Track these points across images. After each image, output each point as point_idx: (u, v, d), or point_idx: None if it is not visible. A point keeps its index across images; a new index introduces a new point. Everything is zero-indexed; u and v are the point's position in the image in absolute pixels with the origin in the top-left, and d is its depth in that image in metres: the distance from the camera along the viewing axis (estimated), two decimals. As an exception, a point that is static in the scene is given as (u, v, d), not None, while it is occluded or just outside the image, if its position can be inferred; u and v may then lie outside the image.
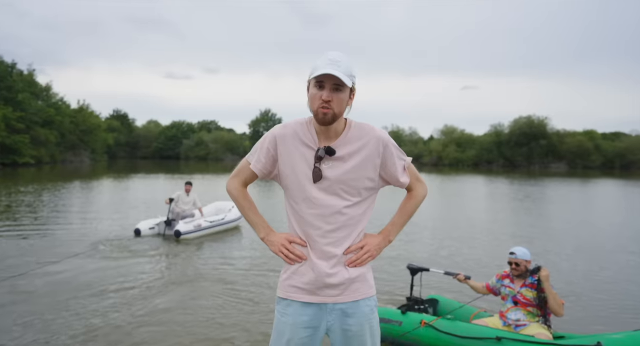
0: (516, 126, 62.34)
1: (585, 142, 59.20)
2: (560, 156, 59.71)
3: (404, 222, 2.22)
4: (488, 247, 9.70)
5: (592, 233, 11.80)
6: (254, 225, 2.18)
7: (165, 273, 7.11)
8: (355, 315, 2.08)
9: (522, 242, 10.03)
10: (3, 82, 44.85)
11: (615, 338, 3.88)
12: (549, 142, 59.78)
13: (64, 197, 17.85)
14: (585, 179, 36.02)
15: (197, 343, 4.50)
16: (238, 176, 2.17)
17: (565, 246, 9.83)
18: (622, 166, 58.03)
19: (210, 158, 75.77)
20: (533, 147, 60.08)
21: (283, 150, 2.05)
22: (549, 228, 12.50)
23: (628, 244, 10.01)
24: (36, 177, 30.11)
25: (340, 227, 2.04)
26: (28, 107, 45.94)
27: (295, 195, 2.07)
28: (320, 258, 2.05)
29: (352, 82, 1.94)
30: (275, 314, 2.15)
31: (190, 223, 10.09)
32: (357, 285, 2.08)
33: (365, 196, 2.07)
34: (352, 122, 2.07)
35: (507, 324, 4.24)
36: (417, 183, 2.19)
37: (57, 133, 51.35)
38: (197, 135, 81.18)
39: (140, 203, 16.44)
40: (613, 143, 61.07)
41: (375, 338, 2.15)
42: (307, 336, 2.07)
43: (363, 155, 2.04)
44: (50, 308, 5.34)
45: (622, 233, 11.73)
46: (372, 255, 2.11)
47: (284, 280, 2.13)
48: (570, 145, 58.99)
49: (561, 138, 60.22)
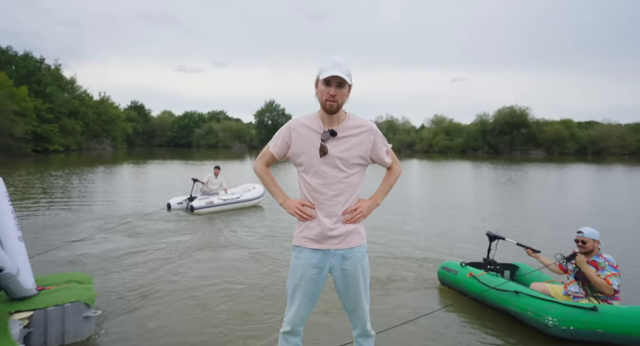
0: (500, 116, 62.03)
1: (562, 131, 58.98)
2: (539, 143, 59.51)
3: (387, 190, 2.58)
4: (473, 224, 9.74)
5: (564, 210, 11.99)
6: (274, 194, 2.55)
7: (190, 238, 7.65)
8: (351, 258, 2.42)
9: (504, 218, 10.37)
10: (33, 76, 44.60)
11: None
12: (529, 131, 59.62)
13: (97, 180, 18.06)
14: (561, 164, 35.71)
15: (222, 290, 4.92)
16: (262, 158, 2.55)
17: (542, 221, 10.09)
18: (595, 152, 58.08)
19: (219, 145, 75.49)
20: (515, 135, 60.00)
21: (296, 137, 2.42)
22: (528, 207, 12.63)
23: (598, 218, 10.43)
24: (66, 162, 30.19)
25: (340, 193, 2.39)
26: (56, 99, 45.79)
27: (307, 169, 2.41)
28: (325, 216, 2.39)
29: (351, 80, 2.29)
30: (292, 258, 2.50)
31: (203, 200, 10.46)
32: (352, 237, 2.42)
33: (357, 170, 2.42)
34: (350, 114, 2.43)
35: (567, 294, 4.29)
36: (395, 163, 2.58)
37: (82, 123, 51.30)
38: (207, 124, 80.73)
39: (161, 185, 16.67)
40: (587, 132, 60.87)
41: (366, 276, 2.49)
42: (315, 273, 2.42)
43: (358, 139, 2.39)
44: (111, 265, 5.88)
45: (591, 210, 11.99)
46: (364, 214, 2.45)
47: (297, 233, 2.47)
48: (548, 133, 58.84)
49: (540, 127, 60.02)
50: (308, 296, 2.47)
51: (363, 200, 2.50)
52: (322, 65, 2.31)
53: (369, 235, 2.94)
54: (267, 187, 2.59)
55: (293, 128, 2.44)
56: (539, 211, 11.72)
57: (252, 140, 76.82)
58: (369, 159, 2.46)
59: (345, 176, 2.40)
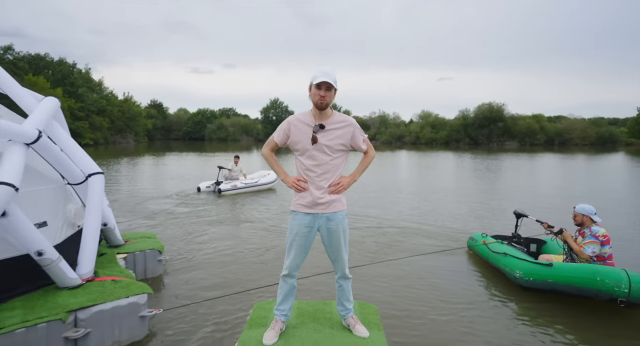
0: (479, 111, 61.56)
1: (533, 124, 58.59)
2: (513, 136, 59.17)
3: (363, 169, 2.83)
4: (456, 203, 10.34)
5: (534, 192, 12.53)
6: (277, 172, 2.80)
7: (219, 213, 8.80)
8: (334, 220, 2.69)
9: (484, 199, 10.91)
10: (67, 79, 45.51)
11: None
12: (505, 124, 59.32)
13: (129, 170, 18.73)
14: (532, 154, 35.99)
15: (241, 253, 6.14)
16: (268, 145, 2.83)
17: (513, 201, 10.62)
18: (560, 143, 57.68)
19: (229, 139, 75.46)
20: (492, 129, 59.69)
21: (293, 129, 2.67)
22: (503, 190, 13.02)
23: (559, 200, 11.00)
24: (96, 155, 30.43)
25: (327, 171, 2.66)
26: (86, 99, 46.68)
27: (302, 153, 2.68)
28: (315, 189, 2.66)
29: (336, 85, 2.58)
30: (290, 220, 2.78)
31: (228, 184, 11.51)
32: (335, 204, 2.69)
33: (340, 154, 2.69)
34: (335, 111, 2.71)
35: (565, 261, 4.54)
36: (369, 149, 2.85)
37: (108, 120, 52.07)
38: (218, 120, 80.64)
39: (185, 173, 17.34)
40: (555, 125, 60.44)
41: (345, 233, 2.76)
42: (307, 231, 2.70)
43: (341, 131, 2.66)
44: (162, 230, 7.10)
45: (555, 192, 12.47)
46: (345, 187, 2.71)
47: (294, 201, 2.75)
48: (521, 126, 58.50)
49: (514, 121, 59.68)
50: (301, 249, 2.75)
51: (344, 176, 2.76)
52: (315, 74, 2.57)
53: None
54: (272, 166, 2.84)
55: (291, 122, 2.69)
56: (512, 194, 12.09)
57: (259, 134, 76.92)
58: (350, 146, 2.71)
59: (331, 159, 2.67)
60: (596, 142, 56.76)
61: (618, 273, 4.01)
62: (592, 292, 4.07)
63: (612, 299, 3.98)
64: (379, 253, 5.97)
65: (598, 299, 4.08)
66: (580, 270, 4.17)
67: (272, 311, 3.12)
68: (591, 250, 4.33)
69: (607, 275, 4.00)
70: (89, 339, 3.26)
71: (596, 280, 4.02)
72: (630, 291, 3.86)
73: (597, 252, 4.33)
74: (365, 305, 3.36)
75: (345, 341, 2.79)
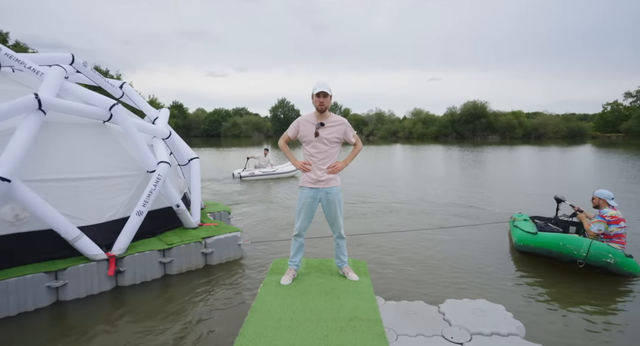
0: (465, 108, 60.75)
1: (513, 120, 58.13)
2: (495, 130, 58.64)
3: (352, 157, 3.22)
4: (445, 190, 11.06)
5: (513, 179, 13.21)
6: (290, 158, 3.19)
7: (251, 194, 10.38)
8: (331, 193, 3.09)
9: (469, 185, 11.66)
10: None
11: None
12: (487, 120, 58.94)
13: None
14: (511, 146, 36.26)
15: None
16: (283, 138, 3.20)
17: (493, 188, 11.28)
18: (536, 137, 57.49)
19: (242, 135, 75.83)
20: (477, 124, 59.22)
21: (302, 126, 3.07)
22: (486, 178, 13.66)
23: (535, 186, 11.60)
24: None
25: (326, 157, 3.05)
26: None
27: (307, 144, 3.08)
28: (317, 170, 3.05)
29: (331, 92, 2.95)
30: (299, 193, 3.15)
31: (247, 172, 12.86)
32: (332, 181, 3.09)
33: (335, 145, 3.08)
34: (332, 113, 3.08)
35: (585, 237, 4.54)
36: (358, 142, 3.21)
37: (137, 120, 53.07)
38: (232, 119, 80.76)
39: (216, 163, 18.39)
40: (531, 120, 60.07)
41: (340, 203, 3.14)
42: (311, 201, 3.10)
43: (336, 128, 3.04)
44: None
45: (531, 180, 12.89)
46: (339, 169, 3.08)
47: (302, 179, 3.15)
48: (502, 122, 57.98)
49: (496, 117, 59.18)
50: (307, 215, 3.14)
51: (339, 161, 3.12)
52: (315, 86, 2.96)
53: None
54: (286, 154, 3.22)
55: (300, 121, 3.08)
56: (496, 181, 12.60)
57: (268, 131, 77.48)
58: (343, 139, 3.10)
59: (329, 148, 3.04)
60: (567, 135, 57.06)
61: (579, 240, 4.26)
62: (557, 254, 4.47)
63: (572, 261, 4.31)
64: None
65: (562, 260, 4.48)
66: (551, 237, 4.56)
67: (286, 264, 3.61)
68: (597, 228, 4.33)
69: (569, 241, 4.33)
70: (214, 255, 5.02)
71: (559, 245, 4.39)
72: (587, 255, 4.12)
73: (603, 230, 4.31)
74: (357, 261, 3.74)
75: (340, 283, 3.24)
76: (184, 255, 4.72)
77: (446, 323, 3.04)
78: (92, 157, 4.48)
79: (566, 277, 4.42)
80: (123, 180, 4.66)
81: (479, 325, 2.97)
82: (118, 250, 4.26)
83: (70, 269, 3.90)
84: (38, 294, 3.73)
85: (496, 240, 5.87)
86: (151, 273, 4.49)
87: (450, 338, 2.81)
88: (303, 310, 2.74)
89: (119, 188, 4.60)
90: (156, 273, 4.54)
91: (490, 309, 3.24)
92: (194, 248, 4.83)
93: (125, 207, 4.60)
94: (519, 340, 2.81)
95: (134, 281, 4.35)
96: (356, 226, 6.85)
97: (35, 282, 3.71)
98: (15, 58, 4.45)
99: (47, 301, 3.80)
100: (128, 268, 4.29)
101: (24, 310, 3.66)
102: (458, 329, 2.93)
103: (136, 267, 4.35)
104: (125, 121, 4.65)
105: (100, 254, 4.10)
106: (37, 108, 3.87)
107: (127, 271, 4.28)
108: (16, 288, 3.59)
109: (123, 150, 4.83)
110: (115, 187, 4.57)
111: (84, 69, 5.28)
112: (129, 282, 4.32)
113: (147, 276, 4.45)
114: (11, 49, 29.28)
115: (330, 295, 2.98)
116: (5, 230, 3.68)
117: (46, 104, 3.92)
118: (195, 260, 4.85)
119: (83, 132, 4.54)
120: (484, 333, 2.87)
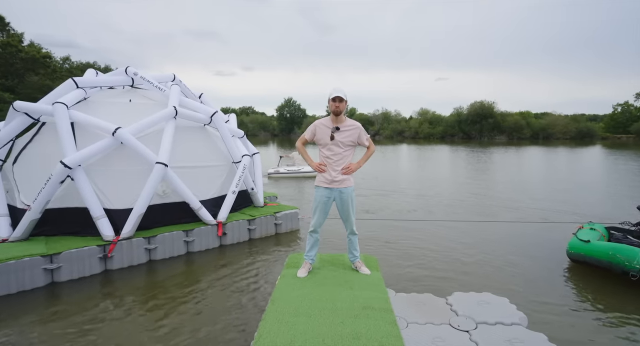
0: (472, 109, 60.71)
1: (520, 120, 58.25)
2: (503, 131, 58.74)
3: (366, 159, 3.36)
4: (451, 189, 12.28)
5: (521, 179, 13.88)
6: (306, 159, 3.38)
7: (281, 188, 12.17)
8: (345, 192, 3.27)
9: (478, 186, 12.44)
10: (115, 84, 47.81)
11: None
12: (495, 121, 58.76)
13: None
14: (519, 147, 36.38)
15: None
16: (301, 141, 3.40)
17: (503, 188, 12.11)
18: (545, 137, 57.26)
19: (249, 134, 71.55)
20: (484, 124, 59.16)
21: (318, 130, 3.26)
22: (495, 178, 14.33)
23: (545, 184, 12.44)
24: None
25: (340, 159, 3.23)
26: (132, 101, 49.00)
27: (323, 147, 3.26)
28: (332, 171, 3.22)
29: (346, 98, 3.14)
30: (315, 192, 3.35)
31: (274, 170, 14.20)
32: (346, 182, 3.26)
33: (350, 148, 3.26)
34: (347, 118, 3.26)
35: None
36: (371, 145, 3.37)
37: (149, 118, 54.39)
38: (239, 117, 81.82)
39: None
40: (539, 121, 59.99)
41: (353, 202, 3.31)
42: (326, 200, 3.29)
43: (350, 132, 3.23)
44: None
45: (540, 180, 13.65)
46: (353, 170, 3.25)
47: (317, 179, 3.33)
48: (509, 122, 58.19)
49: (504, 118, 59.15)
50: (322, 213, 3.33)
51: (352, 163, 3.27)
52: (331, 91, 3.14)
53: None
54: (303, 155, 3.38)
55: (317, 125, 3.24)
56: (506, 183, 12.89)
57: (275, 130, 77.61)
58: (357, 143, 3.24)
59: (344, 151, 3.19)
60: (576, 136, 57.11)
61: (633, 250, 3.99)
62: (607, 265, 4.21)
63: (624, 272, 4.08)
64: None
65: (614, 271, 4.22)
66: (602, 246, 4.32)
67: (302, 259, 3.82)
68: None
69: (620, 251, 4.07)
70: (283, 225, 6.80)
71: (608, 254, 4.14)
72: None
73: None
74: (369, 257, 3.89)
75: (353, 276, 3.37)
76: (263, 225, 6.51)
77: (454, 313, 3.23)
78: (200, 151, 6.28)
79: (616, 290, 4.16)
80: (218, 168, 6.47)
81: (485, 316, 3.15)
82: (222, 218, 6.05)
83: (64, 254, 4.52)
84: (35, 275, 4.26)
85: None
86: (243, 237, 6.28)
87: (458, 327, 2.99)
88: (320, 300, 2.91)
89: (216, 175, 6.40)
90: (245, 237, 6.33)
91: (496, 301, 3.44)
92: (270, 220, 6.62)
93: (219, 188, 6.39)
94: (521, 329, 2.97)
95: (232, 241, 6.13)
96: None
97: (33, 264, 4.27)
98: (146, 79, 6.25)
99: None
100: (228, 232, 6.08)
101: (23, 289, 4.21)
102: (465, 319, 3.11)
103: (233, 232, 6.14)
104: (222, 125, 6.43)
105: (212, 221, 5.89)
106: (174, 117, 5.67)
107: (229, 235, 6.07)
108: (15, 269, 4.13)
109: (216, 146, 6.61)
110: (214, 173, 6.37)
111: (181, 84, 7.04)
112: (230, 242, 6.10)
113: (241, 239, 6.25)
114: (26, 49, 31.35)
115: (345, 287, 3.16)
116: (156, 201, 5.48)
117: (179, 114, 5.73)
118: (271, 228, 6.65)
119: (192, 133, 6.34)
120: (489, 323, 3.06)
